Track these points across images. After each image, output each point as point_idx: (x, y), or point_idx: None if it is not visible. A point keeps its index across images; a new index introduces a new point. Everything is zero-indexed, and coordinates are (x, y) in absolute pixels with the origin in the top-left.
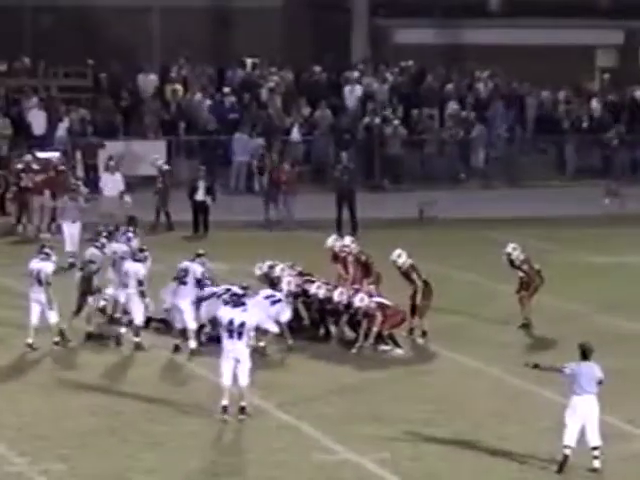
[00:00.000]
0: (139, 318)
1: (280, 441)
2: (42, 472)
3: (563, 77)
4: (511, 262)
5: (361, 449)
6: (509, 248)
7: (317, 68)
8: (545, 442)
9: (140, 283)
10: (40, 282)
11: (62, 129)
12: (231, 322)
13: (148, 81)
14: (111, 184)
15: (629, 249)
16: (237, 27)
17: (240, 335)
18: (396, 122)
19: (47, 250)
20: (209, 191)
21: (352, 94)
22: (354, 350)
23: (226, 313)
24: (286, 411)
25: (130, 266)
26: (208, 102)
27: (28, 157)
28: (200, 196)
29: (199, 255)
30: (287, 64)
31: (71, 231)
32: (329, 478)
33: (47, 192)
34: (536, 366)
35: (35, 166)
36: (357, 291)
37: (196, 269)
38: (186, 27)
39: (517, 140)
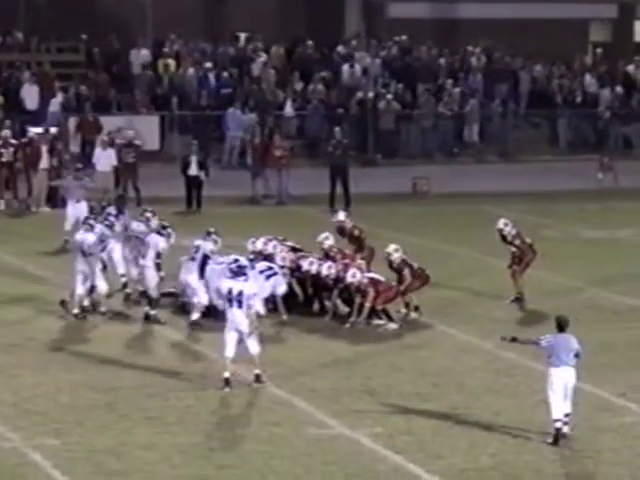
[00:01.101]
0: (154, 290)
1: (274, 415)
2: (35, 447)
3: (556, 51)
4: (503, 238)
5: (355, 423)
6: (500, 224)
7: (310, 42)
8: (539, 416)
9: (158, 255)
10: (84, 253)
11: (55, 104)
12: (230, 291)
13: (141, 56)
14: (104, 159)
15: (623, 223)
16: (230, 1)
17: (240, 304)
18: (389, 97)
19: (91, 222)
20: (202, 166)
21: (350, 68)
22: (347, 325)
23: (226, 283)
24: (280, 386)
25: (151, 238)
26: (200, 77)
27: (6, 132)
28: (193, 171)
29: (209, 233)
30: (280, 38)
31: (76, 211)
32: (323, 452)
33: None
34: (513, 339)
35: (13, 141)
36: (347, 266)
37: (206, 246)
38: (179, 2)
39: (510, 115)
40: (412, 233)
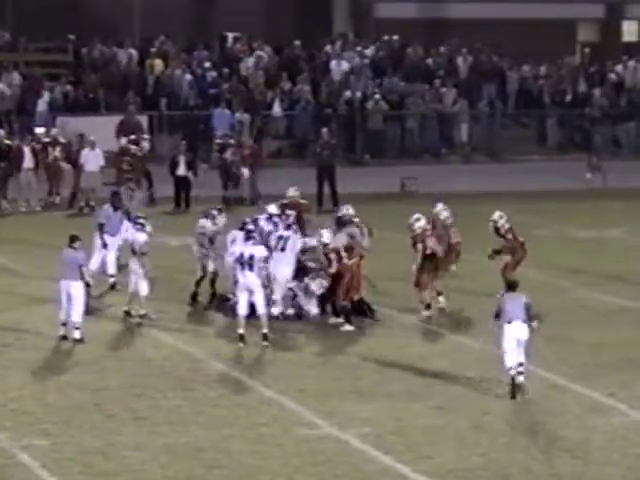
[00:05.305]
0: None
1: (262, 416)
2: (24, 448)
3: (544, 51)
4: (496, 230)
5: (343, 423)
6: (495, 216)
7: (297, 42)
8: (529, 415)
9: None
10: (134, 252)
11: (42, 105)
12: (242, 255)
13: (128, 56)
14: (92, 159)
15: (611, 223)
16: (218, 1)
17: (251, 267)
18: (377, 97)
19: (142, 221)
20: (190, 166)
21: (338, 68)
22: (331, 321)
23: (238, 248)
24: (268, 386)
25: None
26: (188, 77)
27: (0, 132)
28: (181, 171)
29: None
30: (268, 38)
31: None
32: (311, 452)
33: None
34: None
35: (8, 142)
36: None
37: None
38: (167, 2)
39: (498, 114)
40: (400, 232)
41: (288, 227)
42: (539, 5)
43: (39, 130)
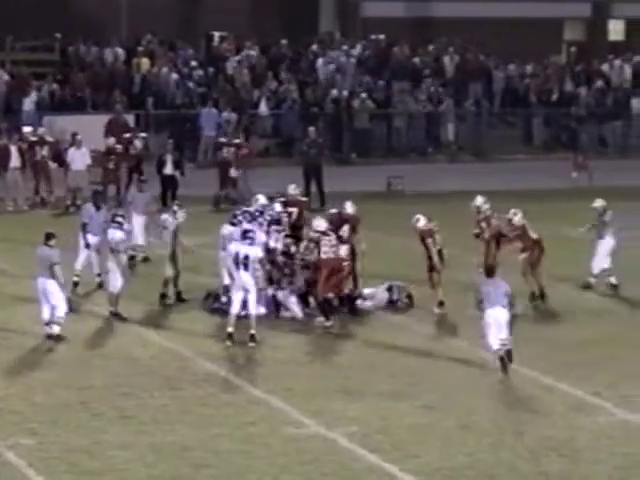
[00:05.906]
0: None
1: (250, 415)
2: (10, 447)
3: (530, 50)
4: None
5: (330, 423)
6: (510, 214)
7: (284, 41)
8: (514, 415)
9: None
10: (112, 250)
11: (29, 104)
12: (237, 255)
13: (114, 55)
14: (78, 158)
15: None
16: (204, 0)
17: (246, 266)
18: (364, 95)
19: (119, 219)
20: (178, 165)
21: (325, 67)
22: (316, 321)
23: (234, 247)
24: (256, 385)
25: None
26: (175, 76)
27: None
28: (168, 170)
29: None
30: (254, 37)
31: (139, 224)
32: (299, 451)
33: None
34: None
35: None
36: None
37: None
38: (153, 1)
39: (484, 114)
40: (387, 232)
41: (253, 219)
42: (525, 4)
43: (26, 129)
